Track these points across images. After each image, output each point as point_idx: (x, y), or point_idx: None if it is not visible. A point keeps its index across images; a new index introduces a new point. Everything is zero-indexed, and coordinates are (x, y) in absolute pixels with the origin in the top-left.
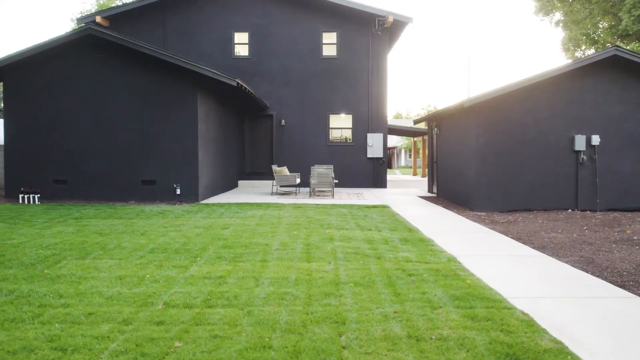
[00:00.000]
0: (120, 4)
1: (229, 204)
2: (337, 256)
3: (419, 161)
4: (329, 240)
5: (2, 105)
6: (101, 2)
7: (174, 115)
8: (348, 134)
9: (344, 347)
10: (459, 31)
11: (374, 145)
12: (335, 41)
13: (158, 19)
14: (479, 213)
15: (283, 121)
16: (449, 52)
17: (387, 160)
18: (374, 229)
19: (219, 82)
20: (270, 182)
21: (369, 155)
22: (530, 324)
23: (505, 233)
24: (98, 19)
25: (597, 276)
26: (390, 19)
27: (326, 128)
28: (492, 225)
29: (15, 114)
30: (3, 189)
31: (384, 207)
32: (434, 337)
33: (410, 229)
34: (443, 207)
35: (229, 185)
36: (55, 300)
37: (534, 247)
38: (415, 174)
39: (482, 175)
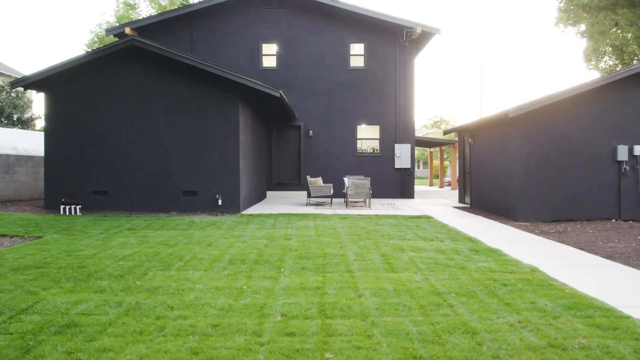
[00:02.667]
0: (140, 16)
1: (275, 215)
2: (419, 267)
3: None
4: (400, 250)
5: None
6: (120, 13)
7: (215, 125)
8: (375, 144)
9: (494, 357)
10: (471, 42)
11: (402, 156)
12: (362, 52)
13: (186, 30)
14: (523, 223)
15: (311, 132)
16: (459, 63)
17: (414, 171)
18: (435, 239)
19: (259, 92)
20: (298, 192)
21: (397, 165)
22: None
23: (564, 243)
24: (127, 30)
25: None
26: (419, 30)
27: (354, 139)
28: (545, 235)
29: (55, 125)
30: (42, 199)
31: (428, 217)
32: (577, 346)
33: (472, 239)
34: (483, 217)
35: (260, 195)
36: (169, 312)
37: (603, 257)
38: (431, 184)
39: (526, 186)
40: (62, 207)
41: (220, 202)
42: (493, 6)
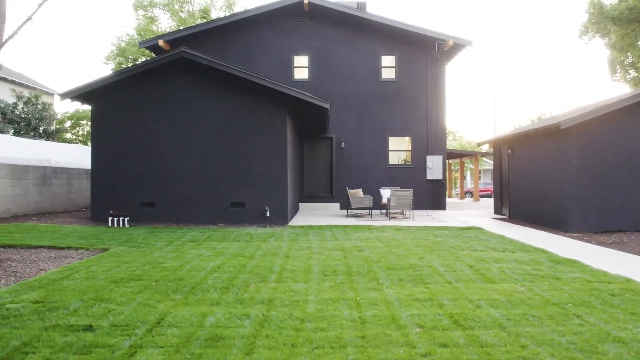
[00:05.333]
0: (160, 28)
1: (329, 226)
2: (514, 277)
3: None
4: (482, 261)
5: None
6: (141, 26)
7: (262, 137)
8: (407, 156)
9: None
10: (481, 52)
11: (434, 168)
12: (394, 64)
13: (217, 42)
14: (575, 234)
15: (343, 143)
16: (467, 74)
17: (445, 182)
18: (505, 250)
19: (304, 104)
20: (330, 204)
21: (429, 177)
22: None
23: (630, 252)
24: (160, 42)
25: None
26: (451, 42)
27: (385, 150)
28: (603, 245)
29: (102, 137)
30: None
31: (479, 228)
32: None
33: (542, 250)
34: (529, 227)
35: (296, 207)
36: (302, 324)
37: None
38: (450, 195)
39: (576, 197)
40: (110, 219)
41: (268, 214)
42: (503, 16)
